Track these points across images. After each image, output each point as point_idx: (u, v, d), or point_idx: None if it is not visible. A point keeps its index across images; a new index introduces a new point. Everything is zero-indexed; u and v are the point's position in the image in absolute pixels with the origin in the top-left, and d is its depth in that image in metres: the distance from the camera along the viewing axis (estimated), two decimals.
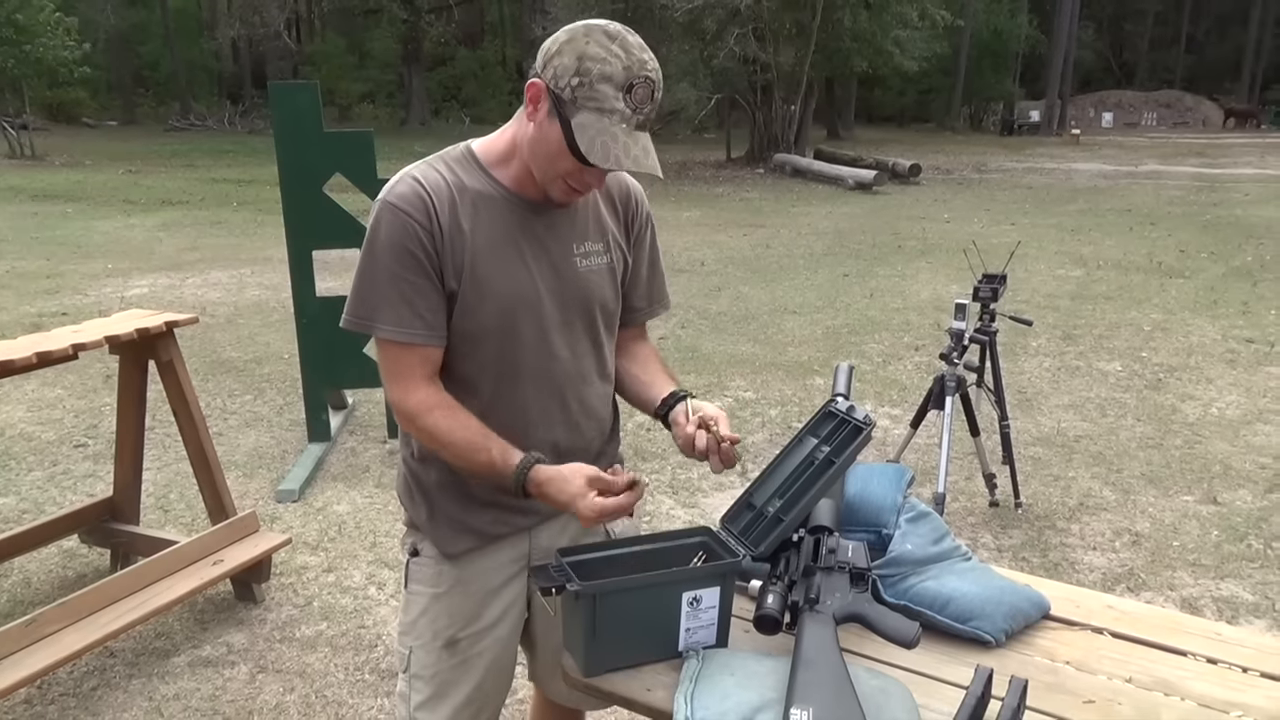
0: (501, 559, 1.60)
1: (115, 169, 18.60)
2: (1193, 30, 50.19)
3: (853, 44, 20.94)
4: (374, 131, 4.41)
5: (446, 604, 1.59)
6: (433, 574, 1.59)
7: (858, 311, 7.56)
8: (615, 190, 1.60)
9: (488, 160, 1.49)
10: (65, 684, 2.77)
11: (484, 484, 1.51)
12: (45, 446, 4.64)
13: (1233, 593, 3.31)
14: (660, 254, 1.70)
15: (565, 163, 1.38)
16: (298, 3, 35.98)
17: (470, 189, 1.45)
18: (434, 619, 1.59)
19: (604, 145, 1.34)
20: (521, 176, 1.46)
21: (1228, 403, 5.29)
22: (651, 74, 1.35)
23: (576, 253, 1.53)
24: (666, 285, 1.73)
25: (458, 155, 1.50)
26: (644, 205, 1.65)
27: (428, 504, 1.59)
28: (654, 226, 1.68)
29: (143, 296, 7.94)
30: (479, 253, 1.44)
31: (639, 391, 1.66)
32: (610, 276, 1.58)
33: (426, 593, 1.60)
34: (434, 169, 1.46)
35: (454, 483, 1.56)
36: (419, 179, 1.43)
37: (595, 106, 1.33)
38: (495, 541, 1.59)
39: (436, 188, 1.43)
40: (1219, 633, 1.52)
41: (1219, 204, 14.64)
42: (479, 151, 1.50)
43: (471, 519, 1.57)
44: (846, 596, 1.36)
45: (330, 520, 3.85)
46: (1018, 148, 28.40)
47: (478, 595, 1.59)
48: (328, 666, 2.87)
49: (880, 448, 4.47)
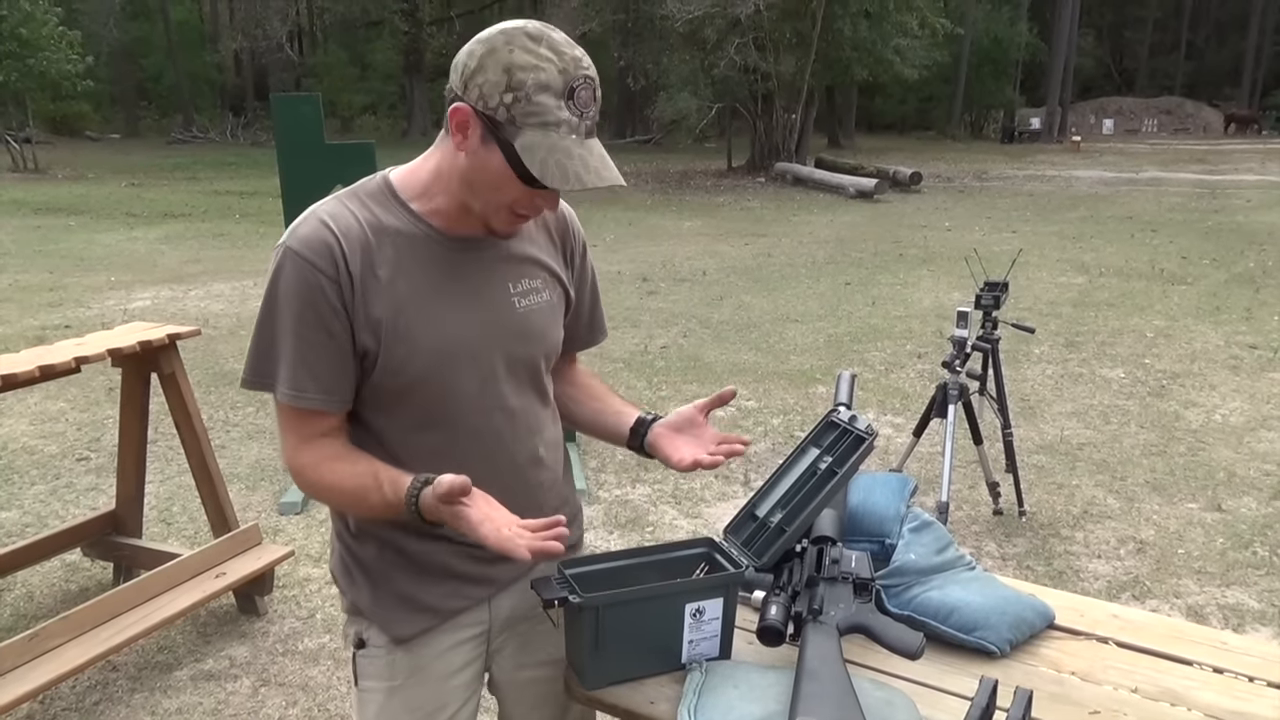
0: (460, 636, 1.43)
1: (118, 182, 18.66)
2: (1192, 36, 50.25)
3: (853, 53, 20.98)
4: (375, 143, 4.42)
5: (403, 699, 1.42)
6: (384, 666, 1.41)
7: (860, 320, 7.55)
8: (550, 219, 1.45)
9: (408, 193, 1.31)
10: (68, 698, 2.76)
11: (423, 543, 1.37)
12: (48, 460, 4.64)
13: (1238, 600, 3.30)
14: (598, 280, 1.57)
15: (512, 190, 1.23)
16: (300, 15, 36.15)
17: (389, 228, 1.28)
18: (393, 717, 1.42)
19: (559, 164, 1.18)
20: (448, 210, 1.30)
21: (1231, 409, 5.27)
22: (589, 71, 1.21)
23: (514, 292, 1.36)
24: (603, 312, 1.61)
25: (373, 189, 1.32)
26: (580, 231, 1.51)
27: (370, 583, 1.40)
28: (588, 251, 1.54)
29: (145, 309, 7.95)
30: (400, 302, 1.27)
31: (602, 422, 1.56)
32: (552, 313, 1.42)
33: (380, 688, 1.42)
34: (345, 206, 1.29)
35: (400, 556, 1.38)
36: (326, 221, 1.26)
37: (538, 122, 1.18)
38: (452, 618, 1.42)
39: (347, 230, 1.25)
40: (1225, 642, 1.51)
41: (1220, 210, 14.64)
42: (397, 183, 1.33)
43: (424, 595, 1.39)
44: (850, 607, 1.36)
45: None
46: (1018, 155, 28.44)
47: (438, 680, 1.43)
48: (330, 680, 2.86)
49: (883, 456, 4.46)
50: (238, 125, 32.83)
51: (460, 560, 1.39)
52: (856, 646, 1.40)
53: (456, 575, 1.40)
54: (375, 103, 36.48)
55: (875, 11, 20.27)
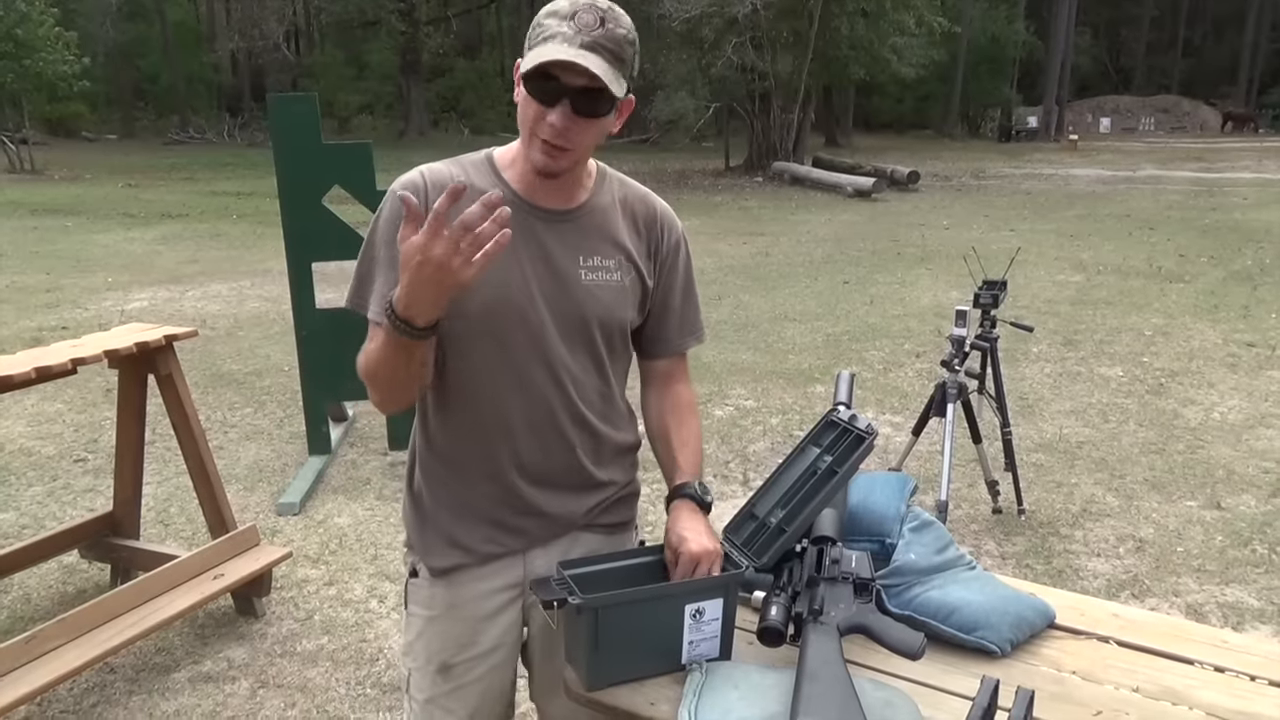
0: (495, 584, 1.55)
1: (115, 182, 18.64)
2: (1189, 35, 50.31)
3: (850, 52, 20.98)
4: (373, 143, 4.41)
5: (440, 628, 1.56)
6: (426, 596, 1.56)
7: (858, 319, 7.55)
8: (640, 212, 1.56)
9: (502, 164, 1.48)
10: (65, 701, 2.75)
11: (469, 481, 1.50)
12: (45, 461, 4.63)
13: (1238, 598, 3.30)
14: (695, 283, 1.65)
15: (529, 110, 1.35)
16: (297, 15, 36.14)
17: (477, 188, 1.40)
18: (428, 642, 1.57)
19: (535, 56, 1.30)
20: (527, 175, 1.44)
21: (1230, 407, 5.28)
22: (601, 3, 1.32)
23: (582, 265, 1.47)
24: (701, 316, 1.67)
25: (476, 159, 1.50)
26: (674, 230, 1.59)
27: (420, 517, 1.56)
28: (688, 253, 1.63)
29: (142, 310, 7.94)
30: None
31: (663, 456, 1.63)
32: (619, 295, 1.50)
33: (422, 615, 1.57)
34: (446, 166, 1.47)
35: (449, 496, 1.53)
36: (424, 171, 1.45)
37: (540, 39, 1.31)
38: (486, 563, 1.54)
39: (439, 180, 1.43)
40: (1225, 640, 1.51)
41: (1217, 208, 14.65)
42: (497, 155, 1.50)
43: (461, 534, 1.53)
44: (850, 607, 1.35)
45: (331, 533, 3.84)
46: (1016, 154, 28.46)
47: (470, 621, 1.55)
48: (329, 681, 2.85)
49: (882, 455, 4.46)
50: (235, 125, 32.79)
51: (497, 507, 1.52)
52: (857, 647, 1.39)
53: (493, 521, 1.53)
54: (372, 103, 36.43)
55: (872, 10, 20.26)
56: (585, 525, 1.59)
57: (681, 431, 1.62)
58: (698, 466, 1.60)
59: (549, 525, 1.55)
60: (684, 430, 1.63)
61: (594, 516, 1.60)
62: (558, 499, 1.54)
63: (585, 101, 1.32)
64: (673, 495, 1.55)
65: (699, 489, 1.54)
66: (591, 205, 1.50)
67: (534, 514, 1.53)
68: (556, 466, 1.52)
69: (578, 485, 1.56)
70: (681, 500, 1.53)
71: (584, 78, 1.30)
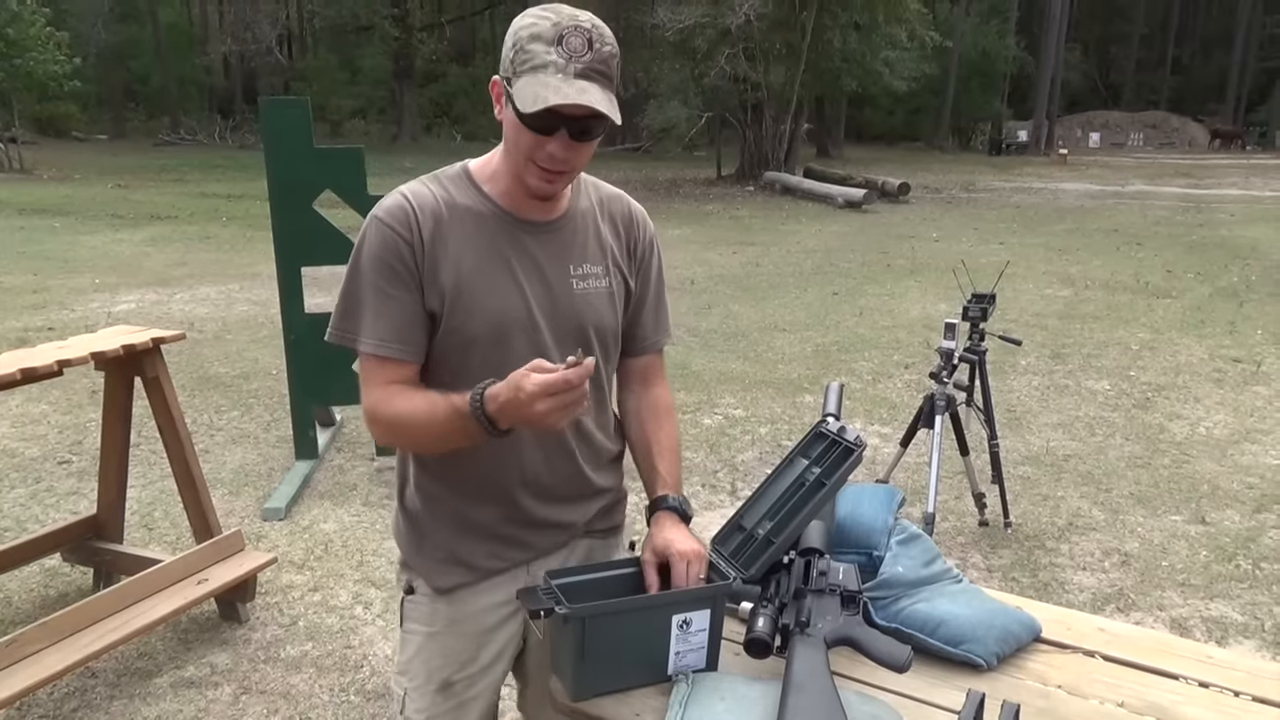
0: (496, 598, 1.54)
1: (104, 183, 18.56)
2: (1178, 52, 50.77)
3: (843, 64, 21.12)
4: (365, 148, 4.41)
5: (441, 644, 1.55)
6: (427, 612, 1.55)
7: (847, 329, 7.57)
8: (617, 211, 1.57)
9: (480, 177, 1.47)
10: (45, 705, 2.73)
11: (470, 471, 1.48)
12: (29, 463, 4.60)
13: (1222, 613, 3.31)
14: (664, 282, 1.66)
15: (524, 139, 1.34)
16: (290, 19, 36.10)
17: (460, 206, 1.43)
18: (428, 660, 1.55)
19: (535, 94, 1.28)
20: (512, 190, 1.44)
21: (1215, 422, 5.31)
22: (585, 24, 1.30)
23: (573, 274, 1.48)
24: (669, 314, 1.69)
25: (453, 173, 1.48)
26: (648, 230, 1.60)
27: (418, 536, 1.55)
28: (659, 253, 1.63)
29: (130, 312, 7.89)
30: (465, 271, 1.40)
31: (643, 463, 1.61)
32: (609, 300, 1.52)
33: (421, 631, 1.56)
34: (425, 186, 1.44)
35: (449, 515, 1.52)
36: (407, 195, 1.42)
37: (530, 67, 1.29)
38: (489, 578, 1.54)
39: (423, 203, 1.41)
40: (1210, 655, 1.51)
41: (1205, 224, 14.76)
42: (473, 169, 1.48)
43: (463, 551, 1.52)
44: (837, 619, 1.35)
45: (317, 539, 3.81)
46: (1005, 167, 28.62)
47: (472, 636, 1.55)
48: (312, 688, 2.83)
49: (870, 466, 4.46)
50: (226, 128, 32.72)
51: (502, 524, 1.52)
52: (844, 659, 1.39)
53: (497, 537, 1.52)
54: (365, 107, 36.42)
55: (865, 23, 20.40)
56: (585, 532, 1.62)
57: (660, 437, 1.63)
58: (678, 476, 1.60)
59: (553, 536, 1.56)
60: (663, 435, 1.63)
61: (593, 523, 1.62)
62: (562, 509, 1.56)
63: (583, 129, 1.33)
64: (655, 506, 1.55)
65: (680, 502, 1.55)
66: (573, 213, 1.51)
67: (539, 526, 1.54)
68: (560, 477, 1.54)
69: (579, 494, 1.58)
70: (664, 511, 1.53)
71: (583, 109, 1.30)
